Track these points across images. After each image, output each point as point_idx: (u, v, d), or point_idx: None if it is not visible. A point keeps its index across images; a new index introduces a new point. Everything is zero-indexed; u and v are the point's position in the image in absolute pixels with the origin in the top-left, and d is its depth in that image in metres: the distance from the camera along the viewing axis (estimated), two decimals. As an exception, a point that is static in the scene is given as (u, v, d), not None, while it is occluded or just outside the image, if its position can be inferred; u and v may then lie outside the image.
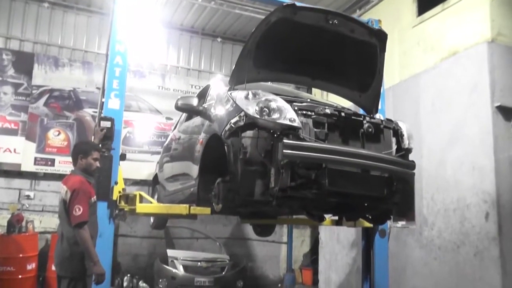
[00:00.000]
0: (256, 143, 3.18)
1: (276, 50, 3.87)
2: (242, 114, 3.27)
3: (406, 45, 6.89)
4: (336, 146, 3.29)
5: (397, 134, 3.76)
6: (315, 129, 3.29)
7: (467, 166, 5.39)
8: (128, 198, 4.72)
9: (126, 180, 8.39)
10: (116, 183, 4.51)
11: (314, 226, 9.47)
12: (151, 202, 4.98)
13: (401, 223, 6.57)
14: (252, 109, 3.22)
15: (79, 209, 3.53)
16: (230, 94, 3.64)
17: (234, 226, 9.51)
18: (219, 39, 10.19)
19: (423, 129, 6.02)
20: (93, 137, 4.71)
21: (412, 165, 3.73)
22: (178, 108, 4.41)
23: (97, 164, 3.92)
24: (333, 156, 3.20)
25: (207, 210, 4.11)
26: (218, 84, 4.61)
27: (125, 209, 4.82)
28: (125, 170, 8.36)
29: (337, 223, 4.86)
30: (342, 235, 7.92)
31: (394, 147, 3.71)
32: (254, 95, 3.33)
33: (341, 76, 4.27)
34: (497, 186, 5.03)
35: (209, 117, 4.11)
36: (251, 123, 3.22)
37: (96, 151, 3.96)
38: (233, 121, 3.35)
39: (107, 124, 4.56)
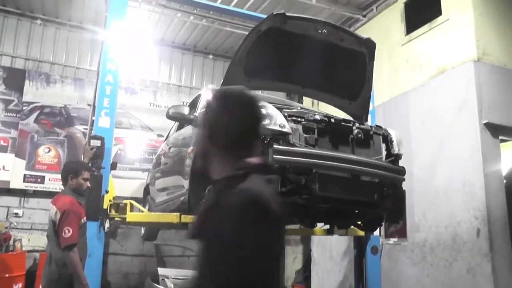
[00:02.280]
0: None
1: (267, 59, 3.93)
2: None
3: (396, 63, 6.99)
4: (326, 151, 3.32)
5: (387, 140, 3.81)
6: (305, 135, 3.34)
7: (458, 182, 5.43)
8: (119, 207, 4.72)
9: (117, 198, 8.42)
10: (107, 191, 4.49)
11: (306, 238, 9.44)
12: (142, 212, 4.96)
13: (393, 240, 6.57)
14: None
15: (69, 231, 3.49)
16: None
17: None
18: (210, 56, 10.27)
19: (413, 146, 6.08)
20: (83, 156, 4.69)
21: (402, 171, 3.76)
22: (169, 116, 4.40)
23: (88, 184, 3.89)
24: (323, 161, 3.23)
25: None
26: (209, 92, 4.63)
27: (116, 218, 4.80)
28: (116, 188, 8.39)
29: (329, 231, 4.86)
30: (334, 252, 7.89)
31: (384, 153, 3.76)
32: None
33: (331, 85, 4.33)
34: (487, 203, 5.07)
35: (197, 126, 4.13)
36: None
37: (86, 170, 3.93)
38: None
39: (97, 142, 4.55)
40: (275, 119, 3.23)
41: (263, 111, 3.20)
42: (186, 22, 8.83)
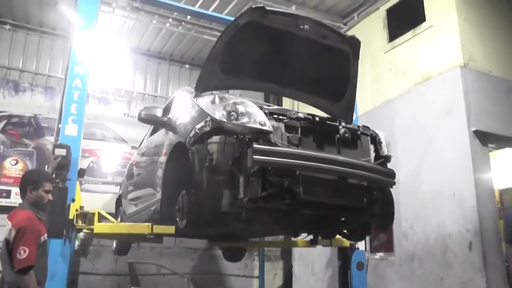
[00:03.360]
0: (223, 149, 2.95)
1: (245, 56, 3.67)
2: (208, 119, 3.01)
3: (378, 71, 6.82)
4: (310, 151, 3.04)
5: (375, 141, 3.56)
6: (288, 134, 3.07)
7: (447, 192, 5.22)
8: (86, 217, 4.37)
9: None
10: (73, 200, 4.17)
11: (286, 253, 9.12)
12: (111, 222, 4.57)
13: (379, 255, 6.31)
14: (218, 113, 2.96)
15: (24, 252, 3.05)
16: (196, 100, 3.39)
17: (203, 260, 9.01)
18: (187, 66, 9.95)
19: (399, 155, 5.86)
20: (46, 166, 4.29)
21: (392, 174, 3.50)
22: (141, 119, 4.15)
23: (49, 197, 3.47)
24: (308, 162, 2.93)
25: (171, 229, 3.80)
26: (183, 94, 4.36)
27: (83, 230, 4.45)
28: (87, 202, 7.92)
29: (312, 242, 4.50)
30: (317, 267, 7.58)
31: (373, 154, 3.51)
32: (221, 99, 3.08)
33: (313, 85, 4.08)
34: (479, 213, 4.86)
35: (173, 127, 3.85)
36: (217, 128, 2.96)
37: (48, 182, 3.50)
38: (198, 126, 3.08)
39: (62, 152, 4.17)
40: (254, 116, 2.94)
41: (241, 108, 2.96)
42: (161, 29, 8.50)
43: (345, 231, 3.94)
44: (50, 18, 8.26)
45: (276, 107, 3.44)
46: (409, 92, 6.10)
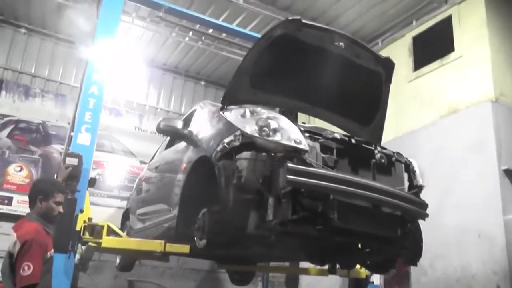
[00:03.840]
0: (253, 166, 2.72)
1: (276, 70, 3.48)
2: (238, 133, 2.81)
3: (402, 100, 6.62)
4: (347, 175, 2.82)
5: (409, 169, 3.39)
6: (323, 155, 2.85)
7: (472, 232, 4.95)
8: (94, 230, 4.04)
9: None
10: (81, 211, 3.90)
11: (293, 281, 8.75)
12: (120, 236, 4.29)
13: (393, 291, 5.99)
14: (250, 128, 2.76)
15: (29, 268, 2.78)
16: (223, 113, 3.22)
17: (206, 282, 8.69)
18: (202, 83, 9.84)
19: (421, 189, 5.60)
20: (55, 175, 4.06)
21: (425, 205, 3.30)
22: (160, 130, 3.92)
23: (60, 209, 3.22)
24: (345, 187, 2.71)
25: (186, 248, 3.63)
26: (205, 106, 4.16)
27: (90, 243, 4.17)
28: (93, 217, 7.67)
29: (330, 271, 4.21)
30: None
31: (406, 183, 3.32)
32: (252, 113, 2.90)
33: (343, 105, 3.89)
34: (509, 256, 4.57)
35: (194, 141, 3.65)
36: (248, 143, 2.75)
37: (60, 193, 3.26)
38: (226, 140, 2.87)
39: (74, 161, 3.96)
40: (288, 133, 2.75)
41: (275, 123, 2.76)
42: (180, 43, 8.40)
43: (368, 262, 3.69)
44: (66, 25, 8.14)
45: (310, 125, 3.23)
46: (434, 124, 5.88)
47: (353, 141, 3.05)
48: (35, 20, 8.14)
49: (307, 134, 2.89)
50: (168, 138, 4.99)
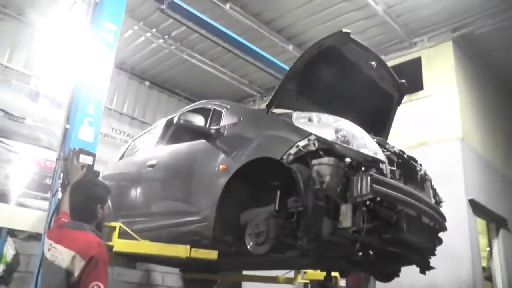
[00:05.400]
0: (336, 173, 2.67)
1: (316, 79, 3.57)
2: (313, 138, 2.79)
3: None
4: (412, 189, 3.02)
5: (431, 185, 3.63)
6: (389, 167, 2.94)
7: (440, 253, 5.58)
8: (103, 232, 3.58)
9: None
10: None
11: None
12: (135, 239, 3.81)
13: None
14: (329, 134, 2.80)
15: None
16: (292, 114, 3.13)
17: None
18: (147, 83, 9.29)
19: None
20: (61, 175, 3.50)
21: (445, 219, 3.56)
22: (180, 125, 3.68)
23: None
24: (412, 200, 2.89)
25: (213, 254, 3.40)
26: (234, 106, 3.97)
27: None
28: (24, 221, 6.67)
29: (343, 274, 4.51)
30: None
31: (433, 199, 3.56)
32: (319, 118, 2.96)
33: (357, 121, 4.11)
34: (473, 275, 5.30)
35: (229, 140, 3.50)
36: (325, 149, 2.76)
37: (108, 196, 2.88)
38: (301, 144, 2.81)
39: (89, 160, 3.46)
40: (364, 142, 2.84)
41: (353, 132, 2.87)
42: (137, 39, 7.86)
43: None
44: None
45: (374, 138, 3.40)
46: (403, 153, 6.52)
47: (405, 156, 3.23)
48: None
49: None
50: (159, 134, 4.61)
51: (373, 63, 3.54)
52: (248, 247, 2.97)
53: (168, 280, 8.24)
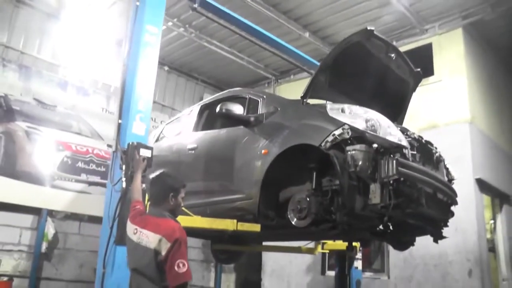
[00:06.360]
0: (367, 157, 3.16)
1: (343, 71, 3.97)
2: (346, 127, 3.26)
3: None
4: (429, 170, 3.53)
5: (444, 164, 4.13)
6: (411, 151, 3.41)
7: (450, 227, 6.09)
8: None
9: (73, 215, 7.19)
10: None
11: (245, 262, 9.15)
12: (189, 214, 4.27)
13: (369, 274, 6.95)
14: (360, 124, 3.28)
15: (183, 265, 2.81)
16: (326, 105, 3.62)
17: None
18: (166, 68, 9.65)
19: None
20: (123, 166, 3.95)
21: (456, 194, 4.08)
22: (221, 114, 4.11)
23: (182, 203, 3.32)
24: (431, 180, 3.41)
25: (257, 227, 3.90)
26: (270, 97, 4.41)
27: None
28: (65, 203, 7.19)
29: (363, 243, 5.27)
30: (294, 284, 7.95)
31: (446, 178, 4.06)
32: (350, 109, 3.43)
33: (376, 107, 4.45)
34: (479, 246, 5.81)
35: (269, 128, 3.93)
36: (357, 137, 3.23)
37: (183, 188, 3.33)
38: (337, 133, 3.27)
39: (148, 153, 3.92)
40: (389, 130, 3.30)
41: (381, 121, 3.32)
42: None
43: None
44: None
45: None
46: (415, 135, 6.96)
47: (423, 141, 3.73)
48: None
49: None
50: (195, 120, 5.04)
51: (392, 55, 3.97)
52: (292, 221, 3.49)
53: (191, 254, 8.81)
